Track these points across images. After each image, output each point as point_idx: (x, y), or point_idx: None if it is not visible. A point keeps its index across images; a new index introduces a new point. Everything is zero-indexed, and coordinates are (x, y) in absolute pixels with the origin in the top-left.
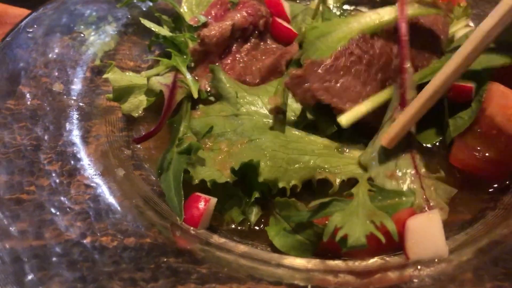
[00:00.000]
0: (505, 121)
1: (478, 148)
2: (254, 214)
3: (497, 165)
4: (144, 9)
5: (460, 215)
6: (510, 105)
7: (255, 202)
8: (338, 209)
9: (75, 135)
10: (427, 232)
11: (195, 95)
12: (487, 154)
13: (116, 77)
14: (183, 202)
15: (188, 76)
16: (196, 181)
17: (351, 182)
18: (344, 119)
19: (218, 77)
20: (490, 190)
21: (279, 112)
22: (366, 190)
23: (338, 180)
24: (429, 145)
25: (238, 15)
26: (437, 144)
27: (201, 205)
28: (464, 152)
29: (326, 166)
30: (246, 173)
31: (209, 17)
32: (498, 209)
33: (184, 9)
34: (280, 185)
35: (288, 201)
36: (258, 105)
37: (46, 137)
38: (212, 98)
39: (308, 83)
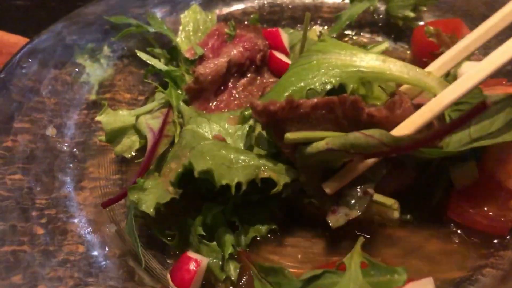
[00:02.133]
0: (505, 176)
1: (477, 202)
2: (233, 270)
3: (496, 220)
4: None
5: (456, 273)
6: (509, 159)
7: (230, 256)
8: (330, 282)
9: (67, 186)
10: None
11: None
12: (485, 209)
13: (109, 119)
14: (139, 247)
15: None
16: (152, 212)
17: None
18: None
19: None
20: (489, 245)
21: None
22: (359, 262)
23: (282, 182)
24: None
25: (235, 50)
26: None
27: (192, 267)
28: (463, 206)
29: (270, 165)
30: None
31: (206, 48)
32: (496, 269)
33: (181, 37)
34: (223, 181)
35: (274, 268)
36: (202, 125)
37: (38, 188)
38: None
39: (283, 125)
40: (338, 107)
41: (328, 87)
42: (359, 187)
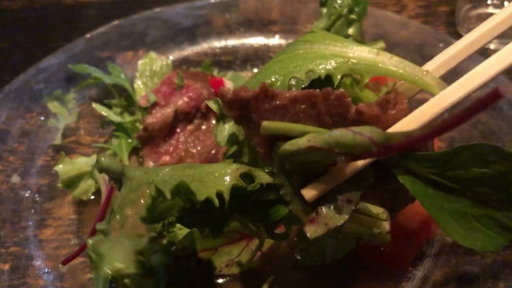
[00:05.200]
0: (402, 218)
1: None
2: None
3: (399, 257)
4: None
5: None
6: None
7: None
8: None
9: (30, 227)
10: None
11: None
12: (389, 248)
13: (66, 168)
14: None
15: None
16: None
17: None
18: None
19: None
20: (393, 277)
21: None
22: None
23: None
24: None
25: (180, 101)
26: None
27: None
28: (371, 247)
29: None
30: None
31: (158, 95)
32: None
33: (138, 84)
34: (203, 196)
35: None
36: None
37: (5, 229)
38: None
39: (254, 115)
40: (321, 102)
41: (314, 76)
42: (342, 194)
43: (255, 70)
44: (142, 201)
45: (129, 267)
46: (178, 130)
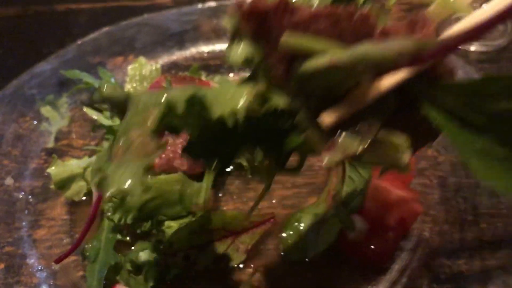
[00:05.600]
0: (381, 215)
1: (365, 239)
2: None
3: (379, 252)
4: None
5: None
6: (383, 200)
7: None
8: None
9: (24, 227)
10: None
11: None
12: (372, 244)
13: (58, 170)
14: None
15: None
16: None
17: None
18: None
19: None
20: (374, 270)
21: None
22: None
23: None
24: None
25: None
26: None
27: None
28: (354, 244)
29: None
30: None
31: None
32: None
33: (128, 88)
34: (216, 114)
35: None
36: None
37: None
38: None
39: (275, 34)
40: (344, 21)
41: None
42: (362, 121)
43: (242, 73)
44: (149, 122)
45: (136, 186)
46: (167, 132)
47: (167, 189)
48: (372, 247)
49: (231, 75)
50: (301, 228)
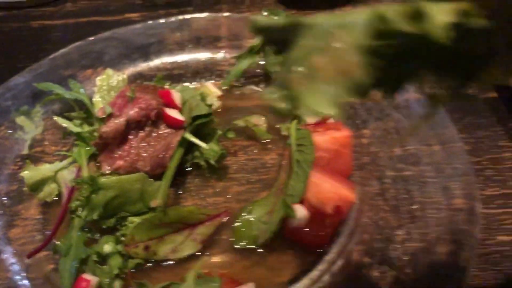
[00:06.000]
0: (319, 203)
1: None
2: (118, 287)
3: (318, 235)
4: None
5: (288, 276)
6: (321, 191)
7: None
8: None
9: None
10: None
11: None
12: (310, 228)
13: (31, 173)
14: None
15: (85, 171)
16: None
17: None
18: None
19: None
20: (314, 253)
21: None
22: (195, 275)
23: None
24: None
25: (131, 111)
26: None
27: (84, 285)
28: (294, 228)
29: None
30: None
31: (114, 107)
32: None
33: (97, 98)
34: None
35: (142, 283)
36: None
37: None
38: None
39: None
40: None
41: None
42: None
43: (203, 81)
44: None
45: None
46: (131, 137)
47: (129, 187)
48: (312, 232)
49: (194, 83)
50: (252, 219)
